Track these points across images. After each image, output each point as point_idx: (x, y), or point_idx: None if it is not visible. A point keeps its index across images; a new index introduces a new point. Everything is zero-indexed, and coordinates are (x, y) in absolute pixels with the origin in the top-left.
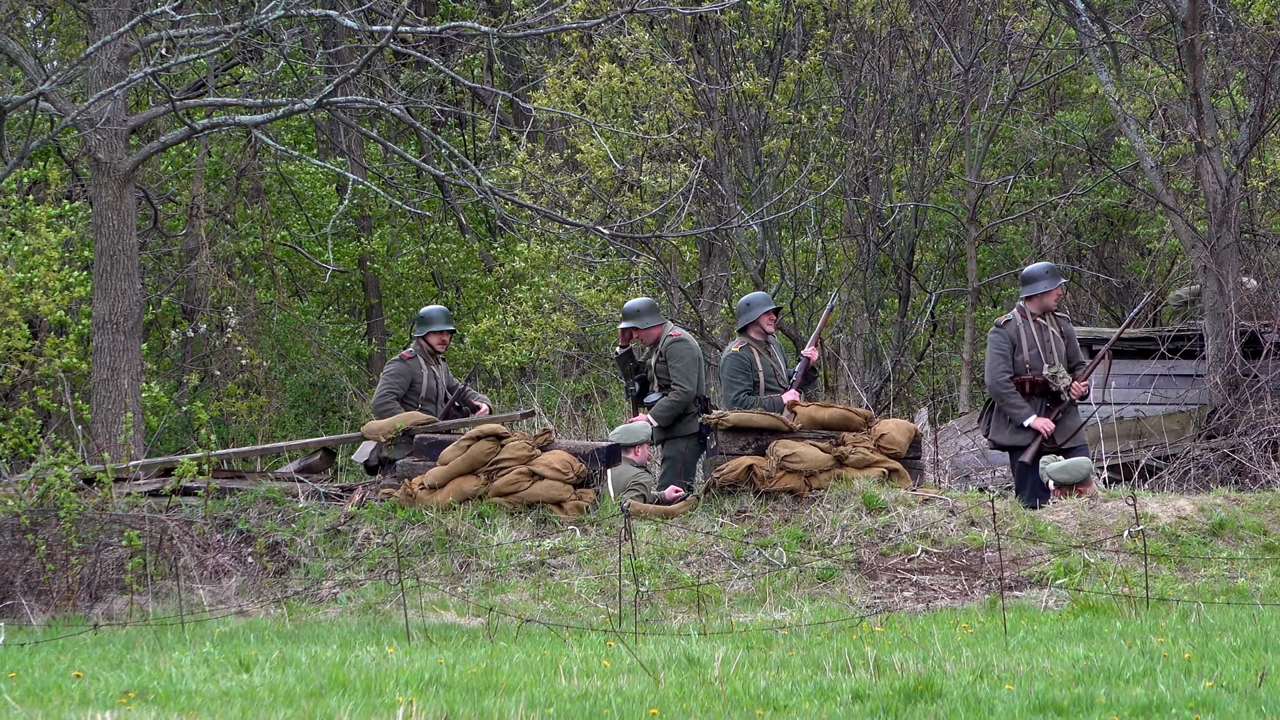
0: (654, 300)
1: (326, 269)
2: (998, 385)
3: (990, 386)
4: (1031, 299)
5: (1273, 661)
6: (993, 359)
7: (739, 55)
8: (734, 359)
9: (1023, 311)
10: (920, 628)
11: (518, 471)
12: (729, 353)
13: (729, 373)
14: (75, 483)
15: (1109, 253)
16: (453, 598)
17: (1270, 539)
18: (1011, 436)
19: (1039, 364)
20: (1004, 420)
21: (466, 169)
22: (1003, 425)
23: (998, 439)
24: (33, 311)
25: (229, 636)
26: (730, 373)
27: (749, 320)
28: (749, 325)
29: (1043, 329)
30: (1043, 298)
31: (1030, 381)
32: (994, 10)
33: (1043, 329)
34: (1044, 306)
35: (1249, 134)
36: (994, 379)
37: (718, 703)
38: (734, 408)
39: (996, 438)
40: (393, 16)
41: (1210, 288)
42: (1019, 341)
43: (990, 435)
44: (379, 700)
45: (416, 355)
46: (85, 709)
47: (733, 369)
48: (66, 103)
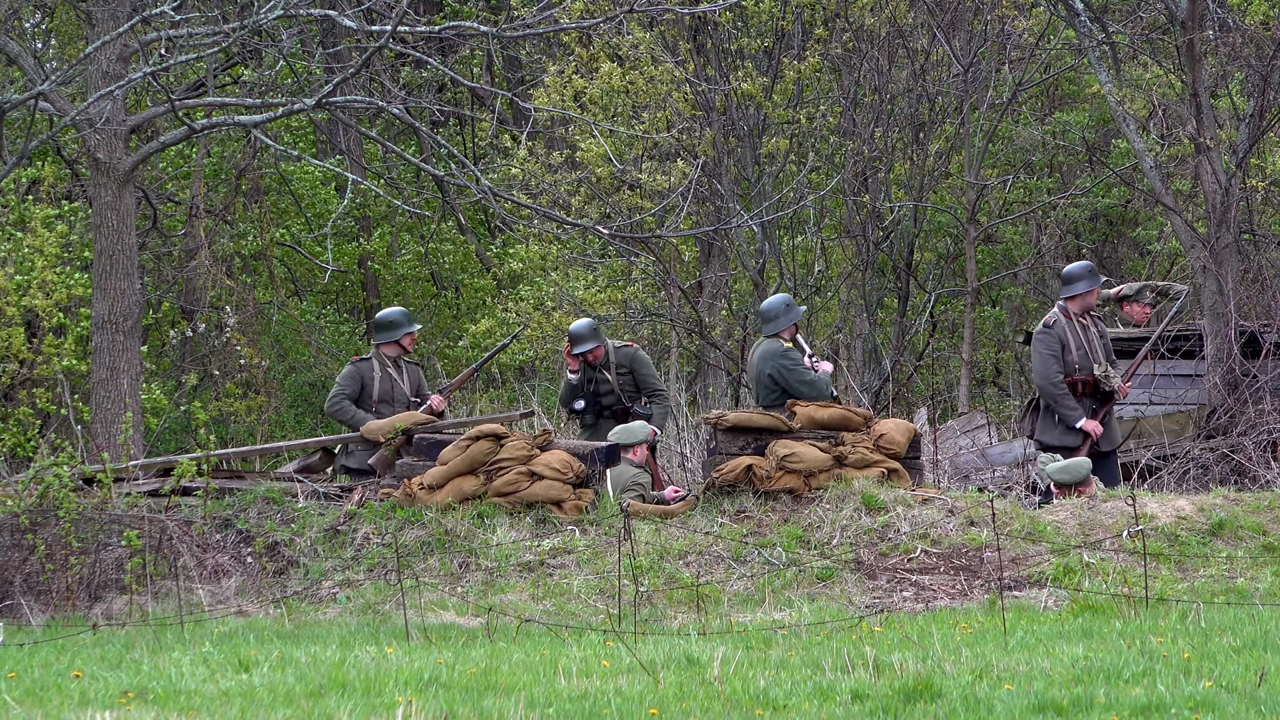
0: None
1: (326, 269)
2: (1051, 386)
3: (1042, 387)
4: (1073, 299)
5: (1272, 661)
6: (1044, 360)
7: (738, 55)
8: (791, 352)
9: (1065, 312)
10: (920, 628)
11: (517, 471)
12: (785, 347)
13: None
14: (75, 483)
15: (1108, 253)
16: (452, 598)
17: (1270, 539)
18: (1061, 437)
19: (1087, 364)
20: (1052, 421)
21: (466, 169)
22: (1051, 426)
23: (1046, 440)
24: (31, 311)
25: (228, 636)
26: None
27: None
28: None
29: (1085, 329)
30: (1084, 297)
31: (1081, 382)
32: (993, 10)
33: (1085, 329)
34: (1085, 306)
35: (1248, 134)
36: (1047, 379)
37: (717, 703)
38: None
39: (1045, 438)
40: (392, 16)
41: (1210, 288)
42: (1067, 342)
43: (1037, 436)
44: (378, 700)
45: (372, 359)
46: (85, 709)
47: (795, 360)
48: (66, 103)
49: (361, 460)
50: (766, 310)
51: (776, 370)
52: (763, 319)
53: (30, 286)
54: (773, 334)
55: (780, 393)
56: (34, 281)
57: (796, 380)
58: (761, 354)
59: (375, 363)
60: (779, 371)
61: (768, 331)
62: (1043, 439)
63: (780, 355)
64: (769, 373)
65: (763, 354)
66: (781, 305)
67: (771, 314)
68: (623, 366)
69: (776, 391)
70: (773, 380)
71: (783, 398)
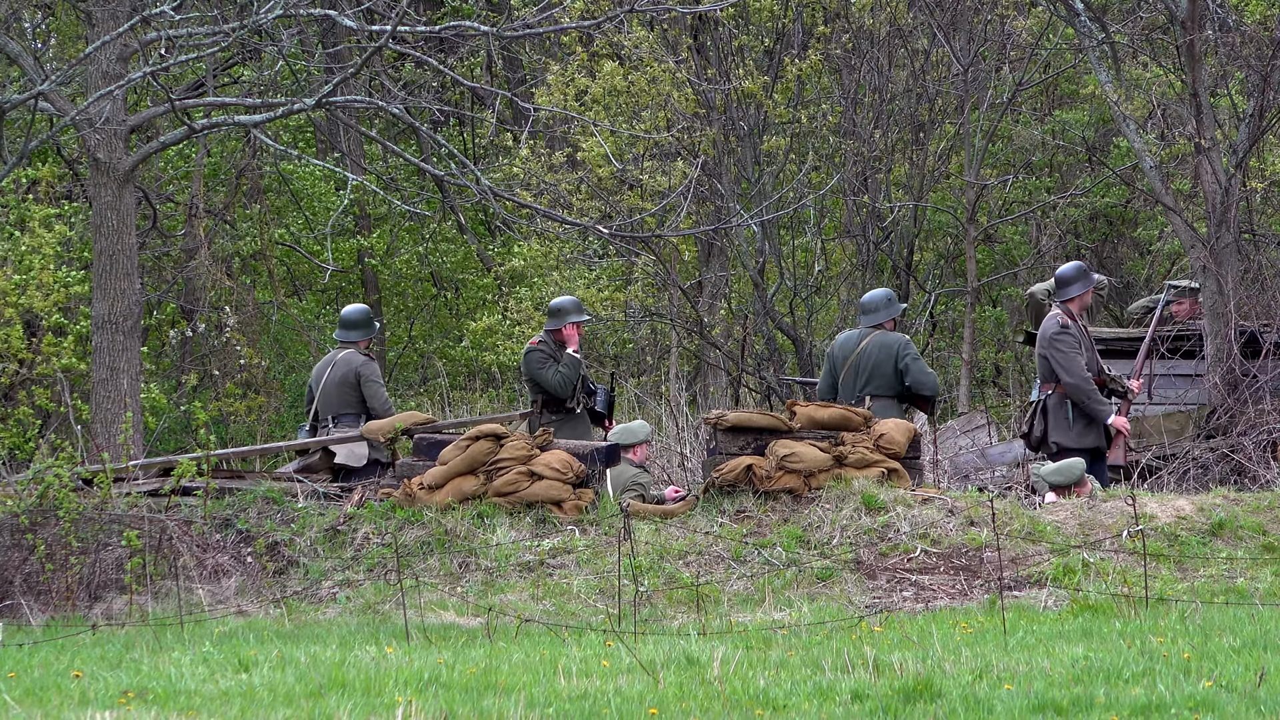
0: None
1: (325, 269)
2: (1084, 384)
3: (1075, 385)
4: (1070, 301)
5: (1272, 661)
6: (1071, 359)
7: (738, 55)
8: (911, 344)
9: (1069, 314)
10: (919, 627)
11: (517, 471)
12: (905, 339)
13: (919, 353)
14: (74, 483)
15: (1108, 253)
16: (452, 598)
17: (1270, 539)
18: (1079, 438)
19: (1095, 365)
20: (1068, 422)
21: (466, 169)
22: (1067, 427)
23: (1064, 441)
24: (29, 310)
25: (228, 636)
26: (919, 354)
27: (892, 315)
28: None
29: (1084, 329)
30: (1081, 298)
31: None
32: (993, 10)
33: (1084, 329)
34: (1083, 306)
35: (1248, 134)
36: (1079, 378)
37: (717, 703)
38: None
39: (1062, 440)
40: (392, 16)
41: (1210, 288)
42: (1083, 342)
43: (1052, 438)
44: (378, 700)
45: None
46: (84, 709)
47: (918, 352)
48: (66, 102)
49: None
50: (868, 302)
51: (900, 358)
52: (863, 310)
53: (29, 286)
54: (874, 325)
55: (895, 382)
56: (32, 281)
57: (919, 371)
58: (880, 344)
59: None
60: (902, 360)
61: (868, 323)
62: (1060, 441)
63: (904, 346)
64: (895, 361)
65: (882, 344)
66: (884, 299)
67: (872, 306)
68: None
69: (894, 380)
70: (895, 370)
71: (894, 388)
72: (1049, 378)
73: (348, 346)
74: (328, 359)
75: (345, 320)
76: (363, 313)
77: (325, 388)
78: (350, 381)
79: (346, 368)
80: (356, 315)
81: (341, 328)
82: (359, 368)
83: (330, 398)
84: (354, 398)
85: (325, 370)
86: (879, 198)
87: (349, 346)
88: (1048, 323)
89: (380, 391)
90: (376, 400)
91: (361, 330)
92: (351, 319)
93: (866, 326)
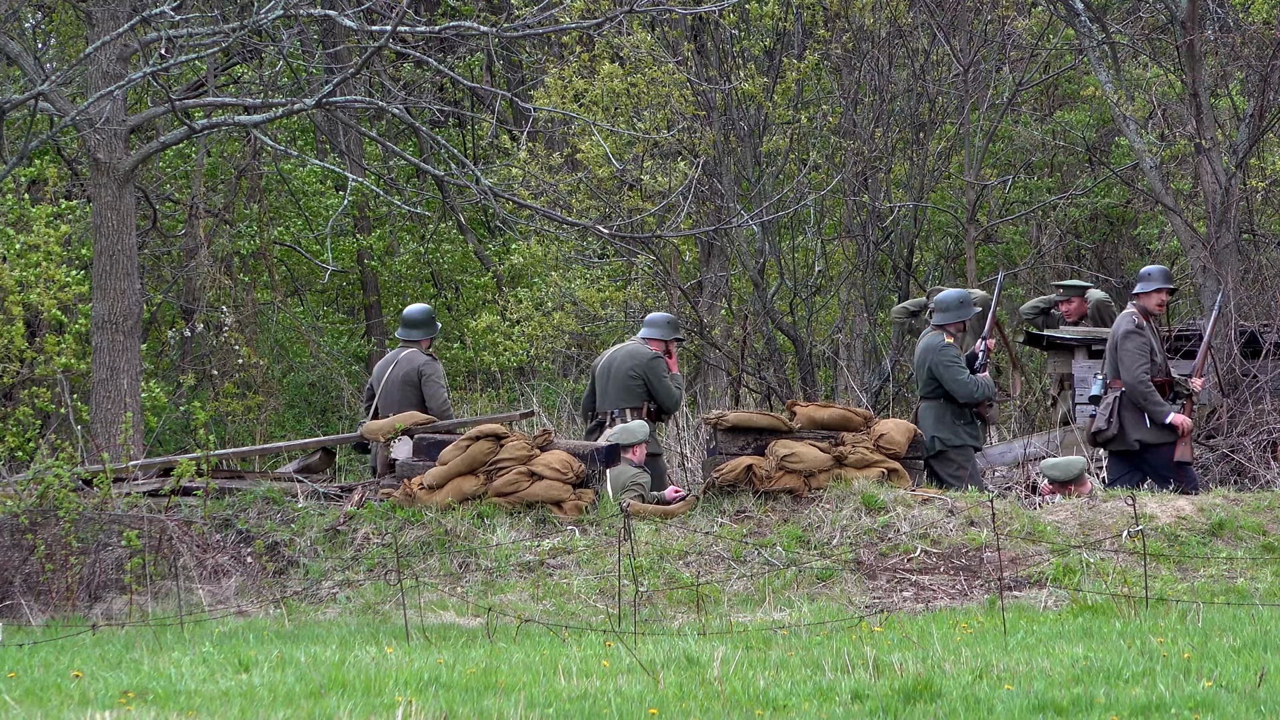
0: None
1: (325, 269)
2: (1141, 385)
3: (1132, 386)
4: (1146, 295)
5: (1272, 661)
6: (1134, 359)
7: (739, 56)
8: (950, 348)
9: (1144, 313)
10: (919, 628)
11: (517, 471)
12: (945, 342)
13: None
14: (74, 483)
15: (1108, 253)
16: (452, 598)
17: (1269, 539)
18: (1159, 435)
19: (1164, 366)
20: (1142, 419)
21: (466, 169)
22: (1143, 425)
23: (1144, 438)
24: (31, 309)
25: (228, 636)
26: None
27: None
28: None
29: (1155, 330)
30: (1157, 295)
31: (1160, 383)
32: (993, 10)
33: (1155, 330)
34: (1159, 304)
35: (1248, 134)
36: (1137, 378)
37: (717, 703)
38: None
39: (1143, 437)
40: (392, 16)
41: (1209, 288)
42: (1153, 344)
43: (1132, 436)
44: (378, 700)
45: None
46: (84, 709)
47: (952, 357)
48: (66, 102)
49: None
50: (940, 302)
51: (934, 364)
52: (936, 308)
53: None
54: (939, 325)
55: (937, 385)
56: (37, 277)
57: (951, 379)
58: (925, 345)
59: None
60: (937, 367)
61: (935, 322)
62: (1141, 438)
63: (939, 350)
64: (928, 365)
65: (925, 345)
66: (955, 300)
67: (943, 306)
68: None
69: (935, 384)
70: (930, 373)
71: (940, 390)
72: (1118, 375)
73: (410, 345)
74: (390, 357)
75: (407, 319)
76: (425, 312)
77: (387, 386)
78: (412, 380)
79: (409, 366)
80: (419, 315)
81: (404, 326)
82: (421, 367)
83: (391, 396)
84: (414, 397)
85: (387, 368)
86: (879, 198)
87: (411, 345)
88: (1122, 320)
89: (441, 393)
90: (436, 401)
91: (423, 329)
92: (414, 318)
93: (933, 326)
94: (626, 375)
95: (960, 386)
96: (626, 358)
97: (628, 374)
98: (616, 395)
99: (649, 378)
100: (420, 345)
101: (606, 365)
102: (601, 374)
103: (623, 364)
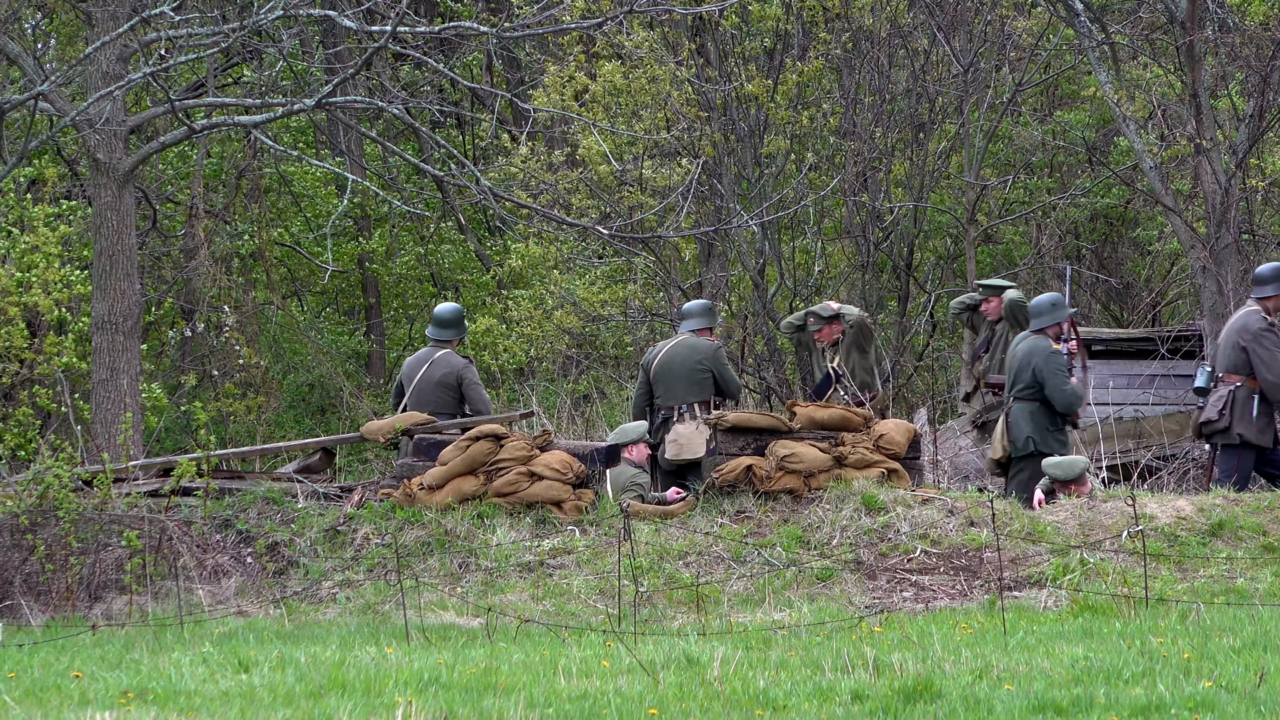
0: None
1: (325, 269)
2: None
3: (1274, 384)
4: (1268, 299)
5: (1272, 662)
6: (1275, 356)
7: (739, 56)
8: (1058, 355)
9: (1268, 311)
10: (919, 628)
11: (517, 472)
12: (1053, 348)
13: (1059, 366)
14: (74, 483)
15: (1108, 253)
16: (452, 598)
17: (1269, 539)
18: (1260, 434)
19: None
20: (1251, 416)
21: (465, 169)
22: (1250, 421)
23: (1246, 434)
24: (32, 309)
25: (228, 637)
26: (1059, 368)
27: (1054, 320)
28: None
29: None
30: (1277, 299)
31: None
32: (993, 10)
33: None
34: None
35: (1248, 134)
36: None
37: (717, 703)
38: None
39: (1245, 432)
40: (392, 17)
41: (1210, 288)
42: None
43: (1236, 429)
44: (378, 700)
45: None
46: (84, 709)
47: (1060, 365)
48: (66, 103)
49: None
50: (1033, 308)
51: (1039, 368)
52: (1031, 314)
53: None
54: (1038, 329)
55: (1037, 387)
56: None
57: (1057, 387)
58: (1029, 347)
59: None
60: (1042, 372)
61: (1034, 327)
62: (1243, 434)
63: (1047, 355)
64: (1033, 367)
65: (1030, 348)
66: (1048, 304)
67: (1036, 311)
68: None
69: (1035, 386)
70: (1034, 375)
71: (1038, 393)
72: (1239, 370)
73: (442, 345)
74: (421, 356)
75: (439, 319)
76: (456, 312)
77: (421, 386)
78: (450, 383)
79: (447, 369)
80: (450, 315)
81: (436, 326)
82: (461, 370)
83: (425, 395)
84: (451, 398)
85: (420, 367)
86: (879, 198)
87: (444, 345)
88: (1251, 317)
89: (483, 394)
90: (482, 403)
91: (455, 330)
92: (446, 318)
93: (1031, 331)
94: (694, 368)
95: (1063, 395)
96: (688, 351)
97: (695, 367)
98: (684, 390)
99: (716, 369)
100: (452, 345)
101: (666, 361)
102: (661, 370)
103: (686, 358)
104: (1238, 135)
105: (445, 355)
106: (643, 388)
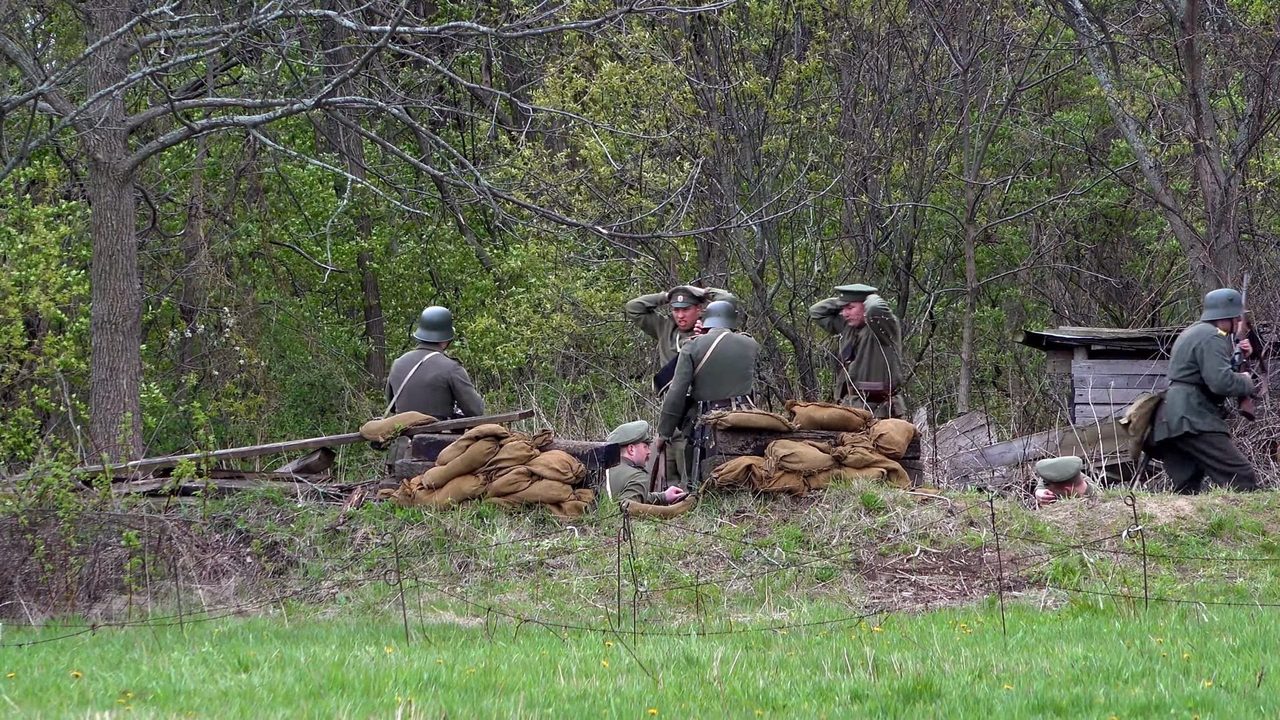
0: None
1: (325, 269)
2: None
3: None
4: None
5: (1271, 661)
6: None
7: (738, 56)
8: (1221, 340)
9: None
10: (919, 628)
11: (516, 471)
12: (1218, 333)
13: (1219, 349)
14: (74, 483)
15: (1108, 253)
16: (451, 598)
17: (1269, 539)
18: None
19: None
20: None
21: (465, 169)
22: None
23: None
24: (31, 310)
25: (228, 637)
26: (1219, 350)
27: (1228, 315)
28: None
29: None
30: None
31: None
32: (992, 10)
33: None
34: None
35: (1247, 134)
36: None
37: (716, 703)
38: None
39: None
40: (391, 16)
41: (1209, 288)
42: None
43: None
44: (378, 700)
45: None
46: (84, 709)
47: (1221, 348)
48: (65, 103)
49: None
50: (1209, 300)
51: (1199, 349)
52: (1205, 305)
53: (32, 285)
54: (1209, 320)
55: (1195, 369)
56: (34, 280)
57: (1212, 367)
58: (1194, 331)
59: None
60: (1199, 350)
61: (1206, 318)
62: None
63: (1210, 338)
64: (1194, 348)
65: (1195, 331)
66: (1224, 299)
67: (1211, 303)
68: None
69: (1192, 367)
70: (1193, 356)
71: (1195, 376)
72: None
73: (431, 347)
74: (410, 358)
75: (427, 321)
76: (443, 315)
77: (410, 388)
78: (441, 386)
79: (438, 371)
80: (438, 317)
81: (424, 328)
82: (452, 373)
83: (416, 398)
84: (443, 400)
85: (409, 369)
86: (879, 198)
87: (432, 348)
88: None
89: (474, 394)
90: (475, 405)
91: (442, 332)
92: (434, 320)
93: (1202, 320)
94: (750, 364)
95: (1217, 375)
96: (739, 348)
97: (750, 362)
98: (736, 384)
99: (759, 364)
100: (440, 348)
101: (718, 355)
102: (714, 364)
103: (738, 355)
104: (1237, 135)
105: (434, 357)
106: (685, 379)
